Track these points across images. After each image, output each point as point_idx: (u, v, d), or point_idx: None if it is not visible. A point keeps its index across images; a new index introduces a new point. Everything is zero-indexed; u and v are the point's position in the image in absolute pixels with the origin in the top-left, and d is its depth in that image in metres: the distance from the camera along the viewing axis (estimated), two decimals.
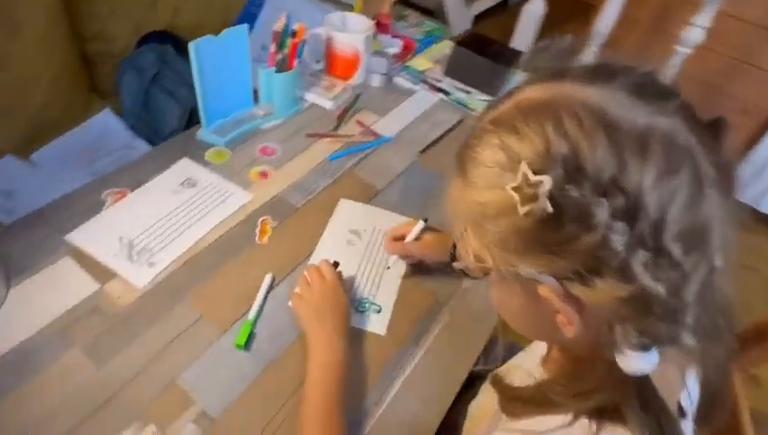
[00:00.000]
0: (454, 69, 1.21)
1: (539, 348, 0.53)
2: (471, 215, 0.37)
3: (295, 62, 1.01)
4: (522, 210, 0.33)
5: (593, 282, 0.33)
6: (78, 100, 1.31)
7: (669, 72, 1.73)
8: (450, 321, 0.75)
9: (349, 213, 0.88)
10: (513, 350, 0.60)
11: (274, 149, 0.99)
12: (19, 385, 0.60)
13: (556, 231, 0.32)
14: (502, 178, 0.34)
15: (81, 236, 0.76)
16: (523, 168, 0.32)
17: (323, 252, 0.80)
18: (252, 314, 0.70)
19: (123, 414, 0.59)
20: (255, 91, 1.04)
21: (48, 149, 1.19)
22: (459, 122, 1.14)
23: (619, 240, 0.31)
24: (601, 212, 0.31)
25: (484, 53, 1.16)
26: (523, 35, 2.09)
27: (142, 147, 1.25)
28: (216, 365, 0.65)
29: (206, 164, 0.92)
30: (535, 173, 0.32)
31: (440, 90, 1.20)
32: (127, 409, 0.59)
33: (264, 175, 0.93)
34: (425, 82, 1.21)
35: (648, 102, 0.33)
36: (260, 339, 0.68)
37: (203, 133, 0.97)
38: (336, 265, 0.74)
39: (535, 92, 0.36)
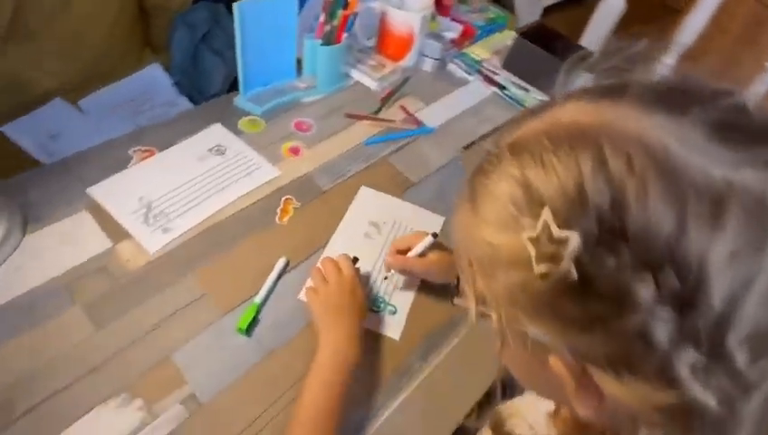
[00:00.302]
0: (513, 62, 1.12)
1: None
2: (478, 253, 0.31)
3: (344, 36, 0.96)
4: (537, 269, 0.26)
5: (621, 375, 0.25)
6: (131, 52, 1.30)
7: (756, 93, 1.55)
8: (468, 335, 0.69)
9: (369, 203, 0.82)
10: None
11: (310, 126, 0.94)
12: (18, 335, 0.59)
13: (579, 304, 0.25)
14: (517, 222, 0.27)
15: (102, 191, 0.74)
16: (546, 215, 0.25)
17: (339, 242, 0.76)
18: (259, 298, 0.66)
19: (113, 382, 0.57)
20: (300, 62, 0.99)
21: (96, 97, 1.20)
22: None
23: (663, 331, 0.23)
24: (644, 291, 0.23)
25: (549, 47, 1.06)
26: (596, 34, 1.93)
27: (185, 105, 1.24)
28: (213, 347, 0.62)
29: (238, 132, 0.89)
30: (561, 225, 0.25)
31: (496, 83, 1.11)
32: (117, 377, 0.57)
33: (295, 151, 0.89)
34: (480, 72, 1.13)
35: (732, 147, 0.24)
36: (263, 326, 0.65)
37: (240, 100, 0.93)
38: (355, 260, 0.69)
39: (577, 112, 0.28)
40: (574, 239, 0.24)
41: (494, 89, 1.11)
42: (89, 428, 0.53)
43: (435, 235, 0.67)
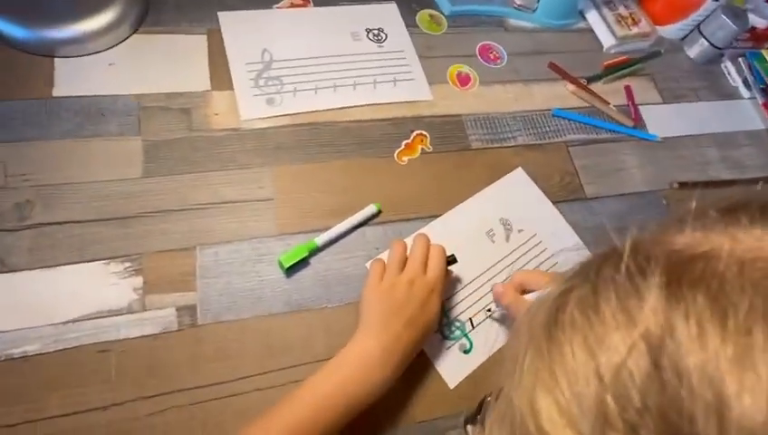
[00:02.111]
0: None
1: None
2: (518, 418, 0.19)
3: None
4: None
5: None
6: None
7: None
8: None
9: (516, 193, 0.60)
10: None
11: (499, 57, 0.70)
12: (69, 137, 0.51)
13: None
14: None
15: (231, 22, 0.61)
16: None
17: (452, 223, 0.56)
18: (321, 240, 0.51)
19: (127, 244, 0.48)
20: None
21: None
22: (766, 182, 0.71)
23: None
24: None
25: None
26: None
27: None
28: (245, 266, 0.49)
29: (410, 24, 0.69)
30: None
31: None
32: (135, 240, 0.48)
33: (463, 81, 0.67)
34: (767, 92, 0.76)
35: None
36: (307, 274, 0.50)
37: None
38: (451, 261, 0.50)
39: None
40: None
41: None
42: (79, 279, 0.45)
43: None
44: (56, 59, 0.54)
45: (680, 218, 0.19)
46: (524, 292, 0.49)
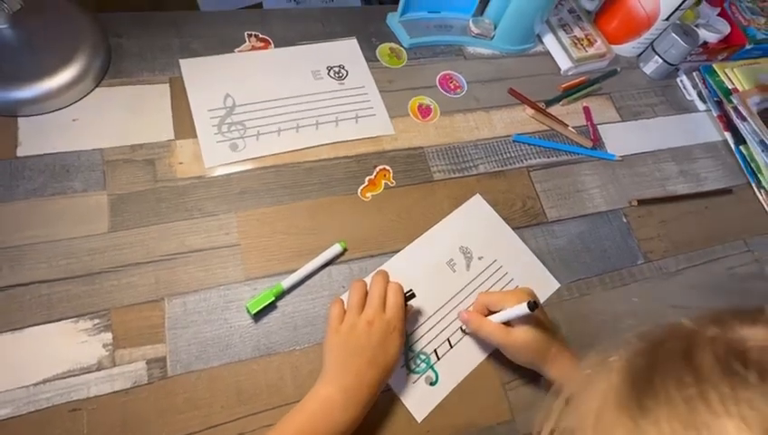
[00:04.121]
0: None
1: None
2: None
3: None
4: None
5: None
6: None
7: None
8: None
9: (474, 221, 0.61)
10: None
11: (459, 86, 0.72)
12: (35, 196, 0.52)
13: None
14: None
15: (193, 68, 0.63)
16: None
17: (412, 257, 0.57)
18: (288, 282, 0.53)
19: (95, 298, 0.49)
20: (485, 2, 0.75)
21: None
22: (727, 193, 0.73)
23: None
24: None
25: None
26: None
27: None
28: (213, 314, 0.50)
29: (371, 59, 0.71)
30: None
31: (735, 130, 0.77)
32: (102, 295, 0.49)
33: (425, 112, 0.69)
34: (721, 105, 0.78)
35: None
36: (275, 317, 0.52)
37: (392, 20, 0.73)
38: (410, 297, 0.51)
39: None
40: None
41: (728, 136, 0.77)
42: (48, 339, 0.46)
43: (532, 306, 0.46)
44: (20, 118, 0.55)
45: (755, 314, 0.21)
46: (489, 313, 0.51)
